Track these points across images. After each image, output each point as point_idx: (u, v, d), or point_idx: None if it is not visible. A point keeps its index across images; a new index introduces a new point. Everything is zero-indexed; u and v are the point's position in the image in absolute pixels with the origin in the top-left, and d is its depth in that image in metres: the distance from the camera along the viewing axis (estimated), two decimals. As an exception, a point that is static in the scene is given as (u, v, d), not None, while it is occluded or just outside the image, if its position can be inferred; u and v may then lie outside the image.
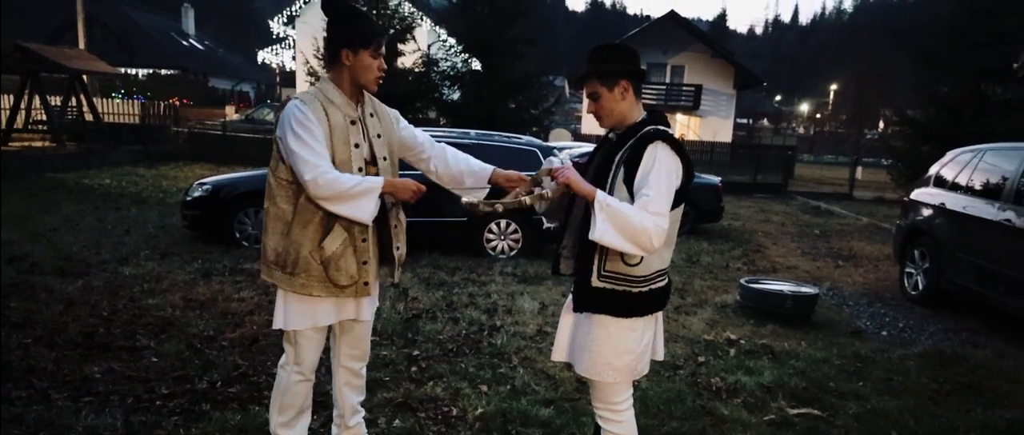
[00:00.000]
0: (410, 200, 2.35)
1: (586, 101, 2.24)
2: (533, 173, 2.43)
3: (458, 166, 2.58)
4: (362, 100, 2.39)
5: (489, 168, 2.58)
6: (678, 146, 2.09)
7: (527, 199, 2.13)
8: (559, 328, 2.37)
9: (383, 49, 2.37)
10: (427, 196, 2.42)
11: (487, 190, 2.58)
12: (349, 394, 2.68)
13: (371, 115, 2.43)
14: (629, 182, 2.06)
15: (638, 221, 1.95)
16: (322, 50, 2.37)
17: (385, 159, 2.43)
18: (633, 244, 1.97)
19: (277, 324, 2.42)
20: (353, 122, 2.34)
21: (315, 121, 2.22)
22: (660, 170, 2.02)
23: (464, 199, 2.29)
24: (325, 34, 2.34)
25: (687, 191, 2.13)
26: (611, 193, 2.09)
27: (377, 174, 2.38)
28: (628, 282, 2.13)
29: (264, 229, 2.39)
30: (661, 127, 2.13)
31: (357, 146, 2.33)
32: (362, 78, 2.32)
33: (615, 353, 2.17)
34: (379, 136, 2.43)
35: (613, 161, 2.12)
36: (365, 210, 2.26)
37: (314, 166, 2.17)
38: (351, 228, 2.34)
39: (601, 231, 1.96)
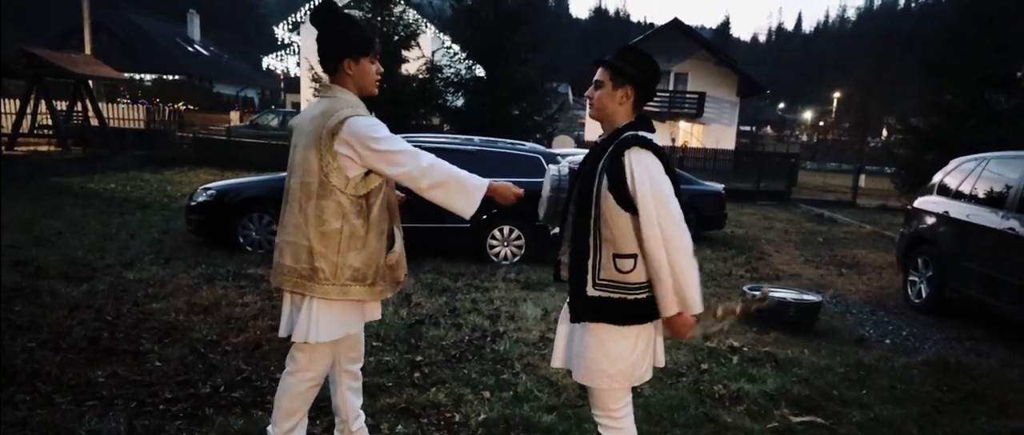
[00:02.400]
0: (510, 203, 2.43)
1: (590, 87, 2.25)
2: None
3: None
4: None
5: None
6: (654, 147, 2.09)
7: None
8: (557, 335, 2.39)
9: (378, 52, 2.40)
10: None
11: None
12: (351, 398, 2.70)
13: None
14: (613, 190, 2.07)
15: (682, 262, 2.06)
16: (320, 61, 2.38)
17: None
18: (689, 255, 2.09)
19: (312, 337, 2.34)
20: None
21: (384, 124, 2.29)
22: (646, 175, 2.03)
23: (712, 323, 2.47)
24: (321, 45, 2.34)
25: (676, 191, 2.14)
26: (598, 202, 2.11)
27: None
28: (623, 289, 2.13)
29: (333, 249, 2.31)
30: (640, 132, 2.12)
31: None
32: (365, 84, 2.36)
33: (608, 359, 2.17)
34: None
35: (597, 169, 2.14)
36: (472, 205, 2.32)
37: (418, 154, 2.25)
38: (399, 229, 2.49)
39: (692, 289, 2.08)
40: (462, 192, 2.30)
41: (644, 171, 2.03)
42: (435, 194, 2.29)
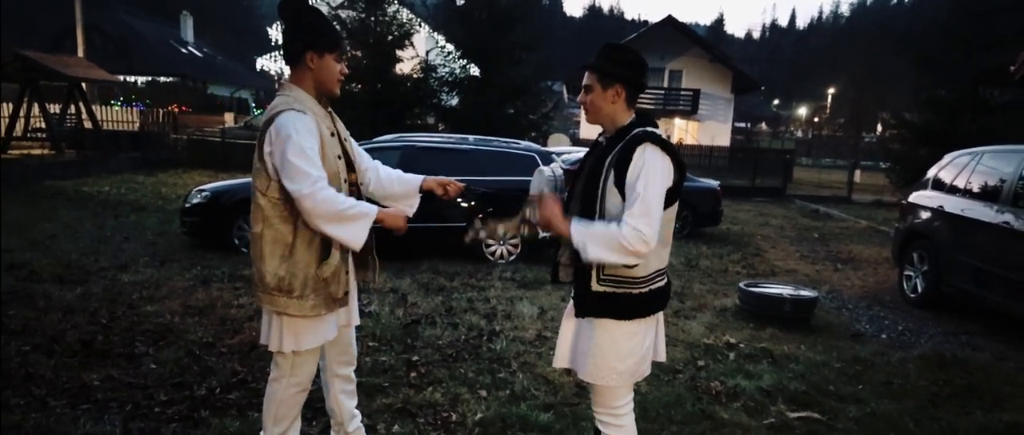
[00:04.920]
0: (400, 232, 2.33)
1: (581, 93, 2.25)
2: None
3: (390, 178, 2.58)
4: (328, 107, 2.36)
5: (418, 178, 2.59)
6: (667, 146, 2.09)
7: (512, 228, 2.26)
8: (560, 334, 2.37)
9: (347, 53, 2.34)
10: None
11: (417, 200, 2.61)
12: (345, 401, 2.67)
13: (335, 121, 2.41)
14: (620, 184, 2.07)
15: (615, 233, 1.98)
16: (284, 53, 2.31)
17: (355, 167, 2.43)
18: (625, 254, 2.00)
19: (285, 346, 2.29)
20: (332, 134, 2.33)
21: (316, 133, 2.18)
22: (647, 173, 2.02)
23: (466, 237, 2.38)
24: (285, 37, 2.27)
25: (680, 189, 2.14)
26: (603, 196, 2.10)
27: (358, 182, 2.41)
28: (628, 284, 2.13)
29: (257, 254, 2.25)
30: (649, 129, 2.13)
31: (339, 157, 2.32)
32: (326, 82, 2.28)
33: (618, 357, 2.17)
34: (346, 140, 2.44)
35: (604, 165, 2.13)
36: (359, 236, 2.18)
37: (314, 180, 2.08)
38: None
39: (592, 254, 2.01)
40: (344, 222, 2.14)
41: (645, 168, 2.02)
42: (316, 222, 2.12)
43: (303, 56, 2.23)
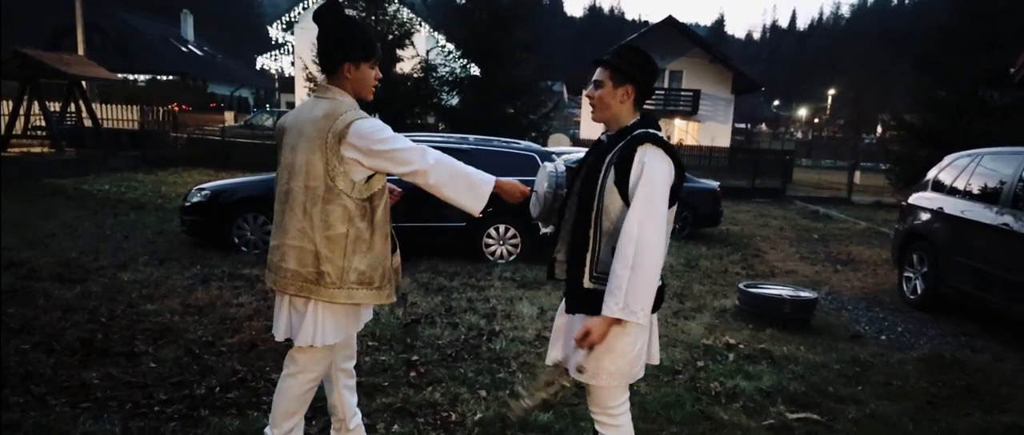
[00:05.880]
0: (516, 201, 2.42)
1: (589, 87, 2.26)
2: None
3: None
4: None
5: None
6: (667, 147, 2.10)
7: (549, 387, 2.50)
8: (553, 331, 2.39)
9: (380, 57, 2.39)
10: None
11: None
12: (348, 397, 2.70)
13: None
14: (620, 184, 2.07)
15: (632, 269, 2.00)
16: (317, 60, 2.36)
17: None
18: (655, 267, 2.04)
19: (316, 340, 2.34)
20: None
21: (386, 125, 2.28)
22: (650, 175, 2.04)
23: (513, 413, 2.56)
24: (322, 44, 2.31)
25: (679, 190, 2.15)
26: (601, 195, 2.11)
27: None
28: None
29: (339, 253, 2.30)
30: (651, 130, 2.14)
31: None
32: (362, 90, 2.34)
33: (610, 357, 2.17)
34: None
35: (603, 163, 2.14)
36: (480, 202, 2.31)
37: (424, 150, 2.24)
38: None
39: (645, 299, 2.04)
40: (470, 189, 2.29)
41: (650, 171, 2.04)
42: (443, 191, 2.28)
43: (341, 67, 2.29)
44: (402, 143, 2.24)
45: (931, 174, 6.81)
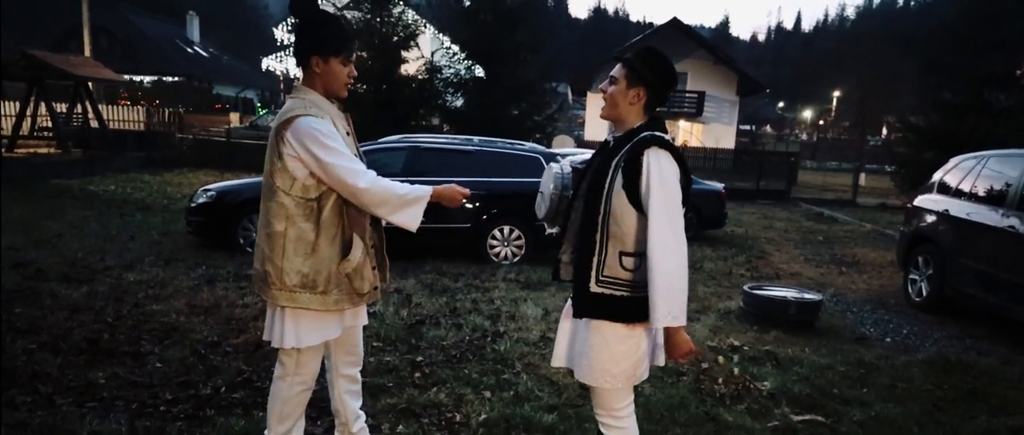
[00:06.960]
0: (458, 206, 2.40)
1: (605, 82, 2.26)
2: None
3: None
4: (344, 109, 2.41)
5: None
6: (673, 150, 2.11)
7: None
8: (558, 333, 2.38)
9: (353, 56, 2.35)
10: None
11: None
12: (350, 401, 2.68)
13: (349, 121, 2.46)
14: (628, 188, 2.07)
15: (662, 277, 2.01)
16: (294, 55, 2.34)
17: None
18: (682, 271, 2.05)
19: (287, 342, 2.31)
20: (347, 133, 2.37)
21: (335, 133, 2.22)
22: (663, 180, 2.04)
23: None
24: (295, 39, 2.30)
25: (688, 192, 2.15)
26: (609, 198, 2.11)
27: None
28: (627, 287, 2.13)
29: (279, 253, 2.25)
30: (657, 133, 2.14)
31: (356, 156, 2.35)
32: (332, 86, 2.30)
33: (613, 359, 2.17)
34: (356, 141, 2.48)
35: (610, 165, 2.14)
36: (416, 218, 2.28)
37: (363, 173, 2.19)
38: (364, 237, 2.34)
39: (679, 304, 2.04)
40: (404, 206, 2.25)
41: (660, 173, 2.04)
42: (378, 211, 2.26)
43: (309, 60, 2.26)
44: (339, 159, 2.17)
45: (937, 176, 6.79)
